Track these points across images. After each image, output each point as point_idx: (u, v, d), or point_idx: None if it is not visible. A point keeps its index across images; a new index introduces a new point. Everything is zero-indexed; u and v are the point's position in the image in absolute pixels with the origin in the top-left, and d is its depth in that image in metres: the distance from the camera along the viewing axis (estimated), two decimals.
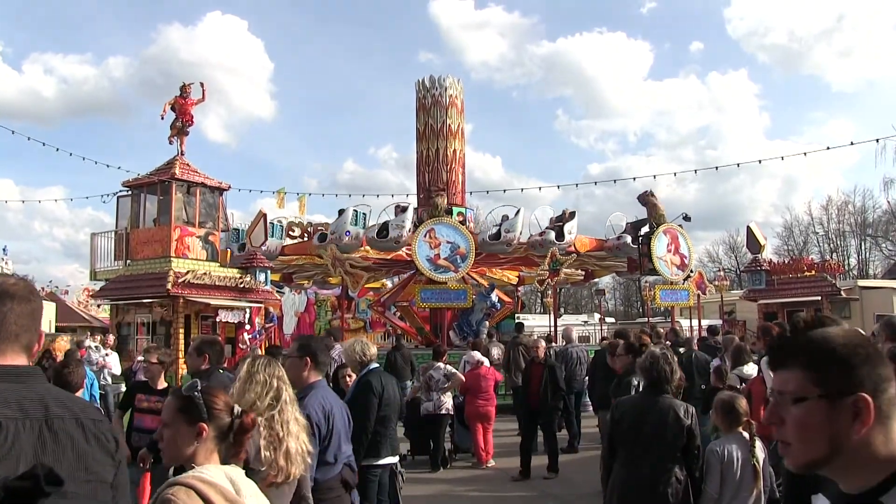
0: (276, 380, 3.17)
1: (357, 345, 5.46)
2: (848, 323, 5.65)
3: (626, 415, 4.11)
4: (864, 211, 46.15)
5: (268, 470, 2.95)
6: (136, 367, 10.03)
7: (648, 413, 3.98)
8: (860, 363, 1.28)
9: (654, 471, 3.86)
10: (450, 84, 20.64)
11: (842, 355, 1.29)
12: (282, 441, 3.02)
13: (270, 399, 3.11)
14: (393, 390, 5.37)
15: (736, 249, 51.79)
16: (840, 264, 25.95)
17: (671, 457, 3.89)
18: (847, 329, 1.36)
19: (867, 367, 1.28)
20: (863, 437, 1.25)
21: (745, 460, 3.93)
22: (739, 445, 3.99)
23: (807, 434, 1.28)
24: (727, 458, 3.92)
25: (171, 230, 15.04)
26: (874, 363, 1.29)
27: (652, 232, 17.92)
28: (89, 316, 33.93)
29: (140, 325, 15.27)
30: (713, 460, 3.95)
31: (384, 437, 5.19)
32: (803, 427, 1.29)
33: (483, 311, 17.32)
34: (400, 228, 16.35)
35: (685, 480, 3.89)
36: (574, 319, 36.36)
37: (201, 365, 5.05)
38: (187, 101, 16.17)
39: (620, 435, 4.07)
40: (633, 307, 59.24)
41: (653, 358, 4.10)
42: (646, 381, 4.14)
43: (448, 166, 20.26)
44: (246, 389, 3.12)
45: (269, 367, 3.21)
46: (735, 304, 25.94)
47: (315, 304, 26.19)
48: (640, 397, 4.26)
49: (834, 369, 1.28)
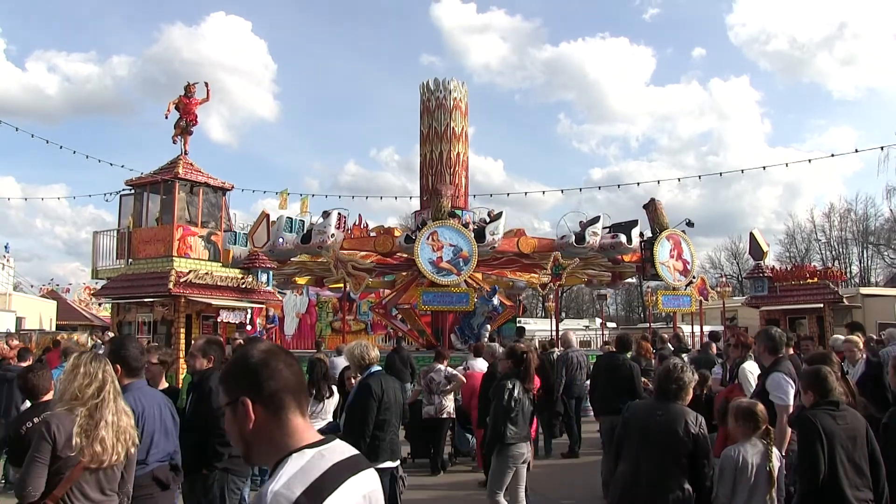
0: (101, 372, 3.43)
1: (357, 348, 5.46)
2: None
3: (635, 418, 4.09)
4: (867, 219, 46.16)
5: (78, 455, 3.25)
6: None
7: (657, 419, 3.96)
8: (239, 375, 1.72)
9: (659, 475, 3.84)
10: (454, 87, 20.64)
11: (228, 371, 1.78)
12: (98, 430, 3.28)
13: (94, 390, 3.37)
14: (394, 393, 5.35)
15: (738, 256, 51.75)
16: (842, 272, 25.85)
17: (676, 463, 3.87)
18: (247, 346, 1.80)
19: (244, 377, 1.70)
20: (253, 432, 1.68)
21: (759, 467, 3.93)
22: (755, 452, 3.99)
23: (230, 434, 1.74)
24: (741, 464, 3.93)
25: (173, 229, 15.04)
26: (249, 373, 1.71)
27: (655, 237, 17.92)
28: (90, 314, 33.94)
29: (141, 325, 15.26)
30: (727, 465, 3.95)
31: (383, 440, 5.17)
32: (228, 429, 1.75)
33: (485, 315, 17.29)
34: (322, 234, 16.49)
35: (688, 489, 3.86)
36: (575, 324, 36.32)
37: (204, 365, 5.02)
38: (191, 101, 16.19)
39: (627, 437, 4.05)
40: (634, 312, 59.17)
41: (672, 368, 4.07)
42: (658, 387, 4.11)
43: (451, 169, 20.26)
44: (70, 380, 3.38)
45: (94, 361, 3.46)
46: (737, 311, 25.89)
47: (316, 305, 26.18)
48: (651, 402, 4.24)
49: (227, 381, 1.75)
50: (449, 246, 16.17)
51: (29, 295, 33.03)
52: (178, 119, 16.14)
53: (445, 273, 16.03)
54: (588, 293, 49.98)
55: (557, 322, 21.97)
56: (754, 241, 21.18)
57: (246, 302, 15.63)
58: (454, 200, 19.44)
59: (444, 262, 16.07)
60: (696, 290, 19.26)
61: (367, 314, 25.72)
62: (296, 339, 24.71)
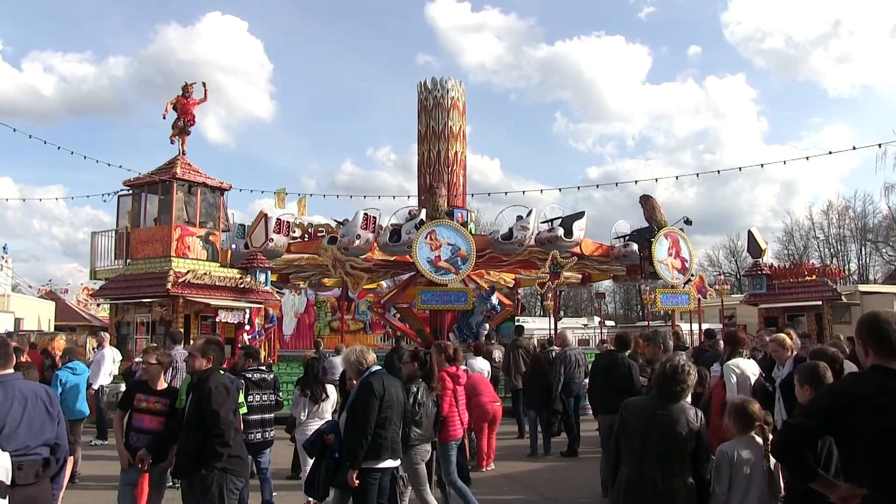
0: None
1: (353, 354, 5.46)
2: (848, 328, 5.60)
3: (635, 417, 4.08)
4: (865, 216, 46.24)
5: None
6: (135, 368, 10.02)
7: (658, 416, 3.96)
8: None
9: (662, 474, 3.84)
10: (452, 86, 20.64)
11: None
12: None
13: None
14: (395, 392, 5.35)
15: (736, 253, 51.85)
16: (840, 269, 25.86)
17: (680, 461, 3.87)
18: None
19: None
20: None
21: (755, 463, 3.94)
22: (751, 449, 4.01)
23: None
24: (737, 460, 3.94)
25: (171, 230, 15.02)
26: None
27: (653, 235, 17.91)
28: (89, 315, 33.89)
29: (140, 325, 15.23)
30: (723, 462, 3.97)
31: (385, 439, 5.16)
32: None
33: (483, 314, 17.32)
34: (349, 234, 16.52)
35: (693, 485, 3.87)
36: (574, 322, 36.36)
37: (204, 366, 5.01)
38: (189, 101, 16.16)
39: (627, 436, 4.05)
40: (633, 310, 59.22)
41: (679, 370, 4.06)
42: (661, 387, 4.09)
43: (449, 168, 20.27)
44: None
45: None
46: (735, 309, 25.91)
47: (315, 305, 26.17)
48: (650, 399, 4.23)
49: None
50: (447, 245, 16.17)
51: (27, 296, 32.99)
52: (175, 119, 16.12)
53: (444, 272, 16.04)
54: (587, 292, 50.03)
55: (556, 320, 21.98)
56: (752, 238, 21.19)
57: (244, 302, 15.61)
58: (452, 199, 19.47)
59: (443, 261, 16.08)
60: (695, 288, 19.30)
61: (365, 314, 25.72)
62: (294, 339, 24.71)
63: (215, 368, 5.05)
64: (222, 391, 4.83)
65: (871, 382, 2.79)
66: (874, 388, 2.74)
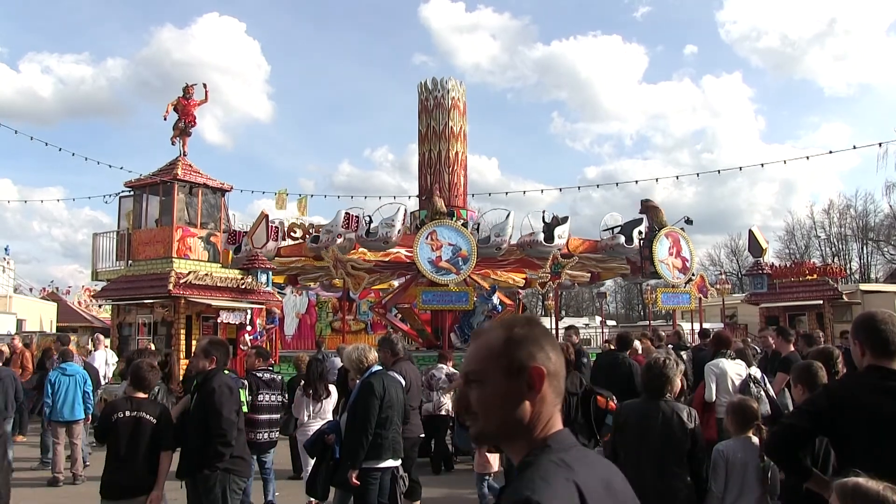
0: None
1: (355, 352, 5.47)
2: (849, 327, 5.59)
3: (630, 420, 4.10)
4: (866, 215, 46.16)
5: None
6: None
7: (653, 418, 3.97)
8: None
9: (661, 476, 3.85)
10: (452, 86, 20.64)
11: None
12: None
13: None
14: (396, 392, 5.36)
15: (737, 253, 51.80)
16: (842, 268, 25.84)
17: (678, 461, 3.89)
18: None
19: None
20: None
21: (751, 463, 3.96)
22: (747, 448, 4.02)
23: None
24: (732, 459, 3.96)
25: (172, 231, 15.05)
26: None
27: (654, 235, 17.91)
28: (90, 316, 33.90)
29: (141, 326, 15.26)
30: (719, 460, 3.98)
31: (385, 439, 5.18)
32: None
33: (484, 314, 17.30)
34: (389, 227, 16.36)
35: (691, 485, 3.89)
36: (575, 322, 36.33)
37: (207, 366, 5.03)
38: (190, 102, 16.19)
39: (624, 440, 4.06)
40: (634, 310, 59.20)
41: (653, 364, 4.09)
42: (647, 385, 4.12)
43: (450, 168, 20.27)
44: None
45: None
46: (736, 308, 25.90)
47: (316, 305, 26.17)
48: (642, 402, 4.24)
49: None
50: (448, 245, 16.18)
51: (29, 297, 33.03)
52: (176, 120, 16.15)
53: (445, 272, 16.05)
54: (588, 291, 50.01)
55: (557, 320, 21.97)
56: (753, 238, 21.21)
57: (246, 302, 15.64)
58: (453, 199, 19.49)
59: (444, 261, 16.08)
60: (696, 287, 19.28)
61: (366, 314, 25.69)
62: (296, 340, 24.71)
63: (219, 369, 5.07)
64: (225, 391, 4.84)
65: (868, 382, 2.80)
66: (870, 388, 2.76)
